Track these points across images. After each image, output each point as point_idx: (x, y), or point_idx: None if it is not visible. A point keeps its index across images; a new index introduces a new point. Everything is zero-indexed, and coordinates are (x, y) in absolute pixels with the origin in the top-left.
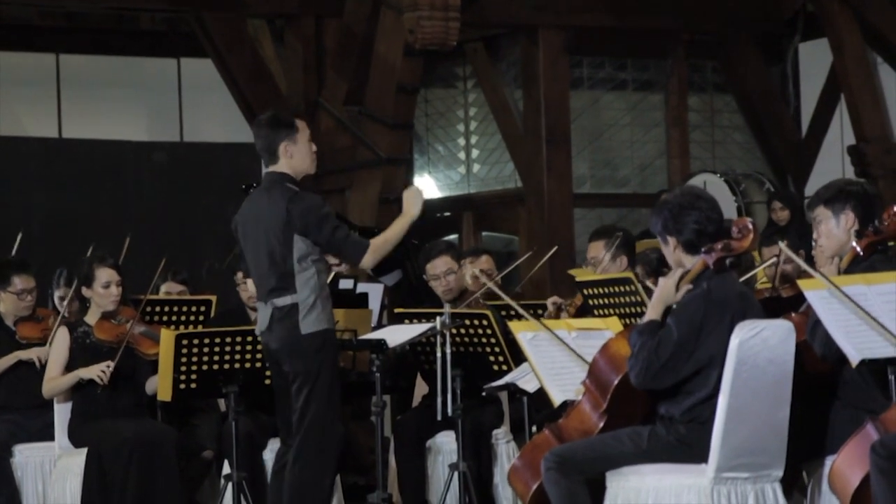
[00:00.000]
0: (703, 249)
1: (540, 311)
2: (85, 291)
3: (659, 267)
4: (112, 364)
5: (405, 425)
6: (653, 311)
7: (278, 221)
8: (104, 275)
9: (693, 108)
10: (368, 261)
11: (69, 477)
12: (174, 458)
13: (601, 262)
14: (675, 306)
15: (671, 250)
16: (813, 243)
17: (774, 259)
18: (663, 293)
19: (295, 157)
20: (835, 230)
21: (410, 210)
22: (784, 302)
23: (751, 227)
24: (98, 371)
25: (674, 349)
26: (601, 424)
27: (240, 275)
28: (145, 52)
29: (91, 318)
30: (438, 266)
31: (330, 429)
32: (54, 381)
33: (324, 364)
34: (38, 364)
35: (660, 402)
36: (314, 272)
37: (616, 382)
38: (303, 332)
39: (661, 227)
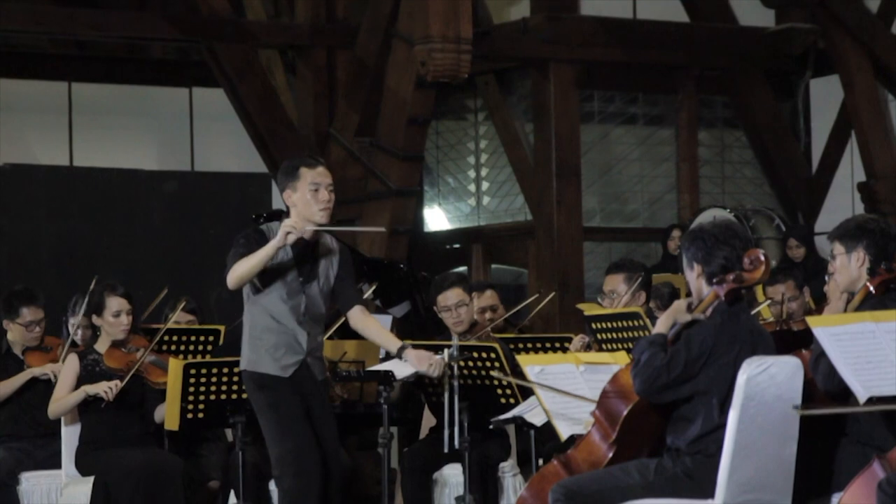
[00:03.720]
0: (714, 280)
1: (548, 345)
2: (95, 320)
3: (671, 301)
4: (120, 383)
5: (412, 457)
6: (662, 325)
7: None
8: (115, 304)
9: (703, 143)
10: (229, 281)
11: None
12: (180, 488)
13: (620, 297)
14: (685, 330)
15: (694, 276)
16: (826, 278)
17: (769, 301)
18: (675, 309)
19: (298, 205)
20: (847, 266)
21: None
22: (795, 336)
23: (763, 258)
24: (105, 387)
25: (682, 369)
26: (610, 455)
27: None
28: (157, 81)
29: (101, 346)
30: (450, 298)
31: (295, 456)
32: (61, 400)
33: (258, 399)
34: (52, 378)
35: (667, 434)
36: (253, 312)
37: (625, 413)
38: (241, 367)
39: (692, 254)
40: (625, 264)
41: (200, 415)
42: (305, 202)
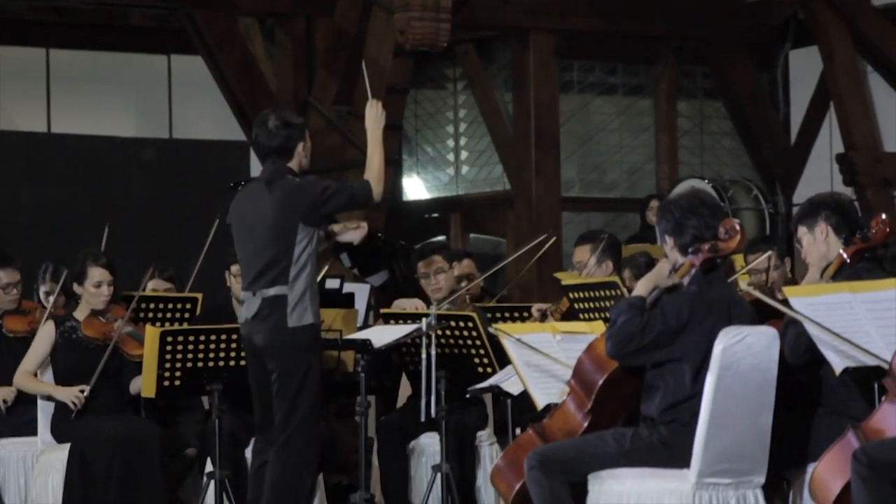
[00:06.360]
0: (690, 250)
1: (526, 315)
2: (76, 288)
3: (647, 271)
4: (87, 389)
5: (389, 426)
6: (642, 288)
7: (284, 212)
8: (97, 274)
9: (682, 113)
10: (378, 192)
11: (51, 472)
12: (157, 456)
13: (587, 267)
14: (665, 295)
15: (669, 249)
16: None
17: (749, 269)
18: (656, 273)
19: (307, 155)
20: (814, 243)
21: (377, 128)
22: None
23: (738, 227)
24: (72, 396)
25: (656, 336)
26: (585, 424)
27: (234, 268)
28: (136, 48)
29: (80, 313)
30: (430, 265)
31: (316, 427)
32: (27, 378)
33: (312, 361)
34: (2, 407)
35: (641, 403)
36: (309, 268)
37: (601, 382)
38: (289, 325)
39: (663, 228)
40: (589, 235)
41: (177, 382)
42: (309, 150)
